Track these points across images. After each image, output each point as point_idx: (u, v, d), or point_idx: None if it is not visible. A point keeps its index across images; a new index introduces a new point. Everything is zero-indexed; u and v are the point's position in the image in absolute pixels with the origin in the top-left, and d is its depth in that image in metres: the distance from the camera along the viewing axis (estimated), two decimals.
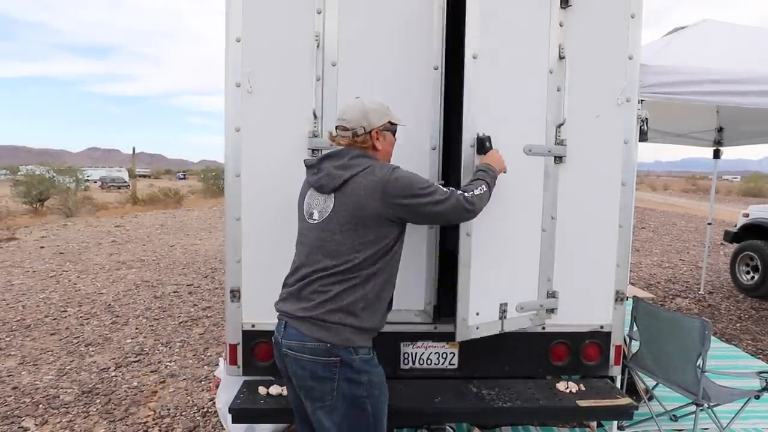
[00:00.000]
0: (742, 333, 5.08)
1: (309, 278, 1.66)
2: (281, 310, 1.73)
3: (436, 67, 2.23)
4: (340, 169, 1.69)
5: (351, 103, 1.79)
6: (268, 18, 2.22)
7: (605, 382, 2.46)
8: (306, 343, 1.61)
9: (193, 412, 3.25)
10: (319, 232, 1.69)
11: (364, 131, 1.74)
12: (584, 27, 2.27)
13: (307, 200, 1.79)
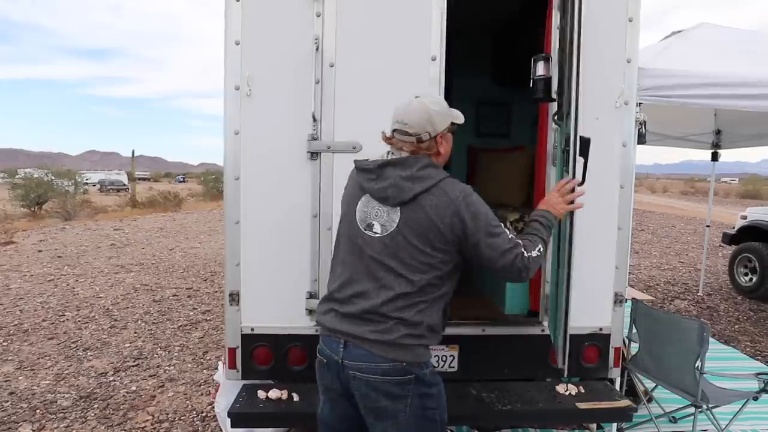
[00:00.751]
0: (741, 334, 5.08)
1: (373, 299, 1.55)
2: (339, 330, 1.58)
3: (434, 57, 2.16)
4: (408, 180, 1.55)
5: (413, 104, 1.62)
6: (267, 21, 2.22)
7: (605, 384, 2.46)
8: (380, 364, 1.52)
9: (192, 416, 3.24)
10: (381, 247, 1.56)
11: (429, 137, 1.60)
12: (582, 31, 2.28)
13: (361, 207, 1.62)
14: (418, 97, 1.64)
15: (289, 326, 2.32)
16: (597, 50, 2.30)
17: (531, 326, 2.47)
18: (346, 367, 1.56)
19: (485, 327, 2.45)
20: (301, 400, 2.20)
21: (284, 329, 2.32)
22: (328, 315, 1.63)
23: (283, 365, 2.37)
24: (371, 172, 1.62)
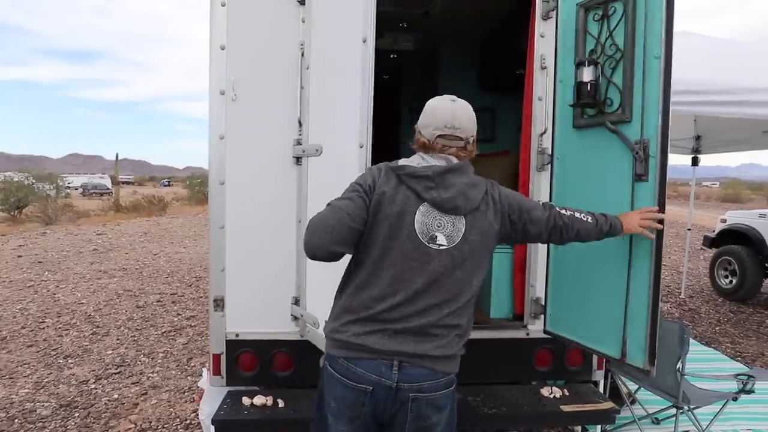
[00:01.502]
0: (721, 336, 5.19)
1: (437, 313, 1.46)
2: (392, 350, 1.43)
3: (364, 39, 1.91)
4: (471, 188, 1.51)
5: (459, 107, 1.56)
6: (252, 26, 2.22)
7: (588, 386, 2.49)
8: (440, 380, 1.47)
9: (175, 424, 3.19)
10: (449, 259, 1.47)
11: (473, 140, 1.59)
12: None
13: (421, 219, 1.47)
14: (455, 100, 1.58)
15: (274, 332, 2.30)
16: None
17: (516, 330, 2.49)
18: (402, 390, 1.42)
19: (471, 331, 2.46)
20: (287, 407, 2.18)
21: (269, 335, 2.31)
22: (373, 336, 1.44)
23: (268, 371, 2.35)
24: (429, 180, 1.48)
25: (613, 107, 1.95)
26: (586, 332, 2.09)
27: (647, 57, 1.82)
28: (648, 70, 1.82)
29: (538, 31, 2.38)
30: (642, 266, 1.85)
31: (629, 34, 1.88)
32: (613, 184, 1.95)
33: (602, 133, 2.00)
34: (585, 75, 1.98)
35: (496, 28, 3.79)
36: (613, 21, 1.95)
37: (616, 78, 1.93)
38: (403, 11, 3.57)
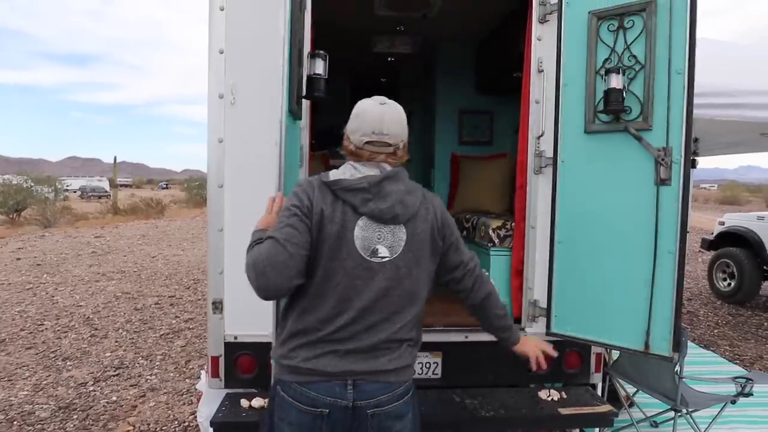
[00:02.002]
0: (720, 339, 5.19)
1: (389, 328, 1.42)
2: (345, 371, 1.40)
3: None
4: (408, 194, 1.46)
5: (389, 112, 1.48)
6: (251, 30, 2.23)
7: (586, 389, 2.49)
8: (396, 390, 1.44)
9: (174, 426, 3.19)
10: (393, 271, 1.42)
11: (403, 145, 1.52)
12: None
13: (361, 233, 1.41)
14: (385, 103, 1.50)
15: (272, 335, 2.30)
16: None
17: None
18: (359, 408, 1.39)
19: (468, 334, 2.46)
20: None
21: (268, 338, 2.30)
22: (324, 358, 1.40)
23: (267, 374, 2.34)
24: (366, 192, 1.41)
25: (633, 115, 2.08)
26: (602, 329, 2.20)
27: (671, 71, 1.98)
28: (672, 84, 1.98)
29: (535, 34, 2.39)
30: (667, 258, 2.01)
31: (650, 49, 2.02)
32: (632, 188, 2.09)
33: (618, 139, 2.13)
34: (615, 82, 2.06)
35: (494, 31, 3.81)
36: (631, 33, 2.08)
37: (635, 88, 2.07)
38: (400, 15, 3.58)
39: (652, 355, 2.06)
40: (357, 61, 4.78)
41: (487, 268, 2.77)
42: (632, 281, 2.10)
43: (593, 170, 2.21)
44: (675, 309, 2.00)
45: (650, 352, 2.05)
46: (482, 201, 3.75)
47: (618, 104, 2.06)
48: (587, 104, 2.19)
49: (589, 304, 2.24)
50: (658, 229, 2.05)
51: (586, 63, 2.18)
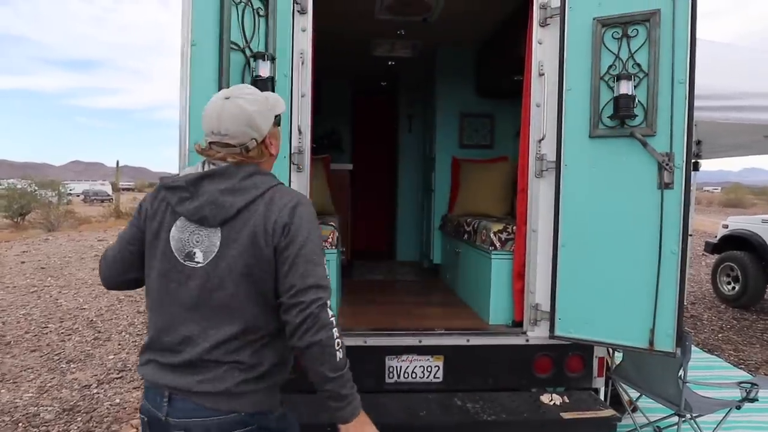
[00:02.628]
0: (724, 343, 5.16)
1: (201, 343, 1.27)
2: (161, 383, 1.29)
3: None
4: (229, 194, 1.27)
5: (226, 109, 1.31)
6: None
7: (589, 393, 2.48)
8: (213, 418, 1.26)
9: None
10: (204, 279, 1.27)
11: (257, 143, 1.34)
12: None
13: (177, 234, 1.30)
14: (229, 98, 1.32)
15: None
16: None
17: (515, 336, 2.48)
18: (171, 425, 1.27)
19: (470, 337, 2.46)
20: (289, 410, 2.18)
21: None
22: (148, 366, 1.33)
23: None
24: (183, 190, 1.30)
25: (636, 121, 2.18)
26: (607, 330, 2.27)
27: (674, 80, 2.10)
28: (675, 93, 2.10)
29: (536, 38, 2.40)
30: (671, 259, 2.12)
31: (654, 58, 2.13)
32: (636, 192, 2.19)
33: (622, 144, 2.21)
34: (625, 88, 2.13)
35: (494, 34, 3.81)
36: (635, 42, 2.17)
37: (639, 94, 2.16)
38: (401, 19, 3.59)
39: (656, 352, 2.17)
40: (357, 65, 4.80)
41: (488, 271, 2.77)
42: (637, 282, 2.19)
43: (597, 174, 2.26)
44: (678, 306, 2.12)
45: (655, 349, 2.17)
46: (483, 204, 3.74)
47: (628, 110, 2.14)
48: (592, 109, 2.24)
49: (593, 306, 2.28)
50: (663, 230, 2.13)
51: (591, 68, 2.24)
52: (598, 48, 2.22)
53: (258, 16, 2.13)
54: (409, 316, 2.89)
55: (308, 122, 2.33)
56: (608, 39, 2.22)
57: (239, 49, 2.07)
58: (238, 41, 2.08)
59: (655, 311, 2.15)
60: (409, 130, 5.42)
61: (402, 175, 5.43)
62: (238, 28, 2.07)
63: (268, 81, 2.04)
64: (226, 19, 2.02)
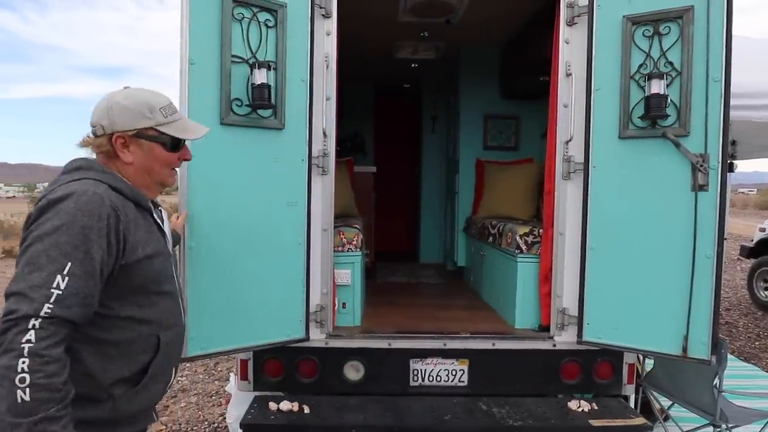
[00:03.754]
0: (761, 351, 4.96)
1: None
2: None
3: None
4: (47, 190, 1.20)
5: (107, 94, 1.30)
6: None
7: (618, 401, 2.42)
8: None
9: (203, 427, 3.25)
10: None
11: (103, 132, 1.26)
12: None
13: None
14: (127, 87, 1.33)
15: (299, 339, 2.32)
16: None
17: (542, 341, 2.44)
18: None
19: (495, 341, 2.43)
20: (312, 413, 2.20)
21: (295, 342, 2.33)
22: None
23: (293, 377, 2.38)
24: None
25: (669, 121, 2.11)
26: (637, 336, 2.22)
27: (708, 79, 2.03)
28: (709, 92, 2.03)
29: (563, 38, 2.36)
30: (705, 263, 2.06)
31: (687, 56, 2.07)
32: (669, 194, 2.12)
33: (653, 145, 2.15)
34: (657, 88, 2.08)
35: (519, 34, 3.77)
36: (667, 40, 2.12)
37: (672, 94, 2.10)
38: (424, 21, 3.59)
39: (690, 360, 2.10)
40: (380, 67, 4.82)
41: (514, 275, 2.74)
42: (669, 286, 2.13)
43: (627, 176, 2.22)
44: (713, 312, 2.06)
45: (688, 357, 2.09)
46: (508, 207, 3.70)
47: (660, 110, 2.09)
48: (621, 109, 2.20)
49: (622, 311, 2.23)
50: (696, 234, 2.07)
51: (620, 68, 2.20)
52: (628, 46, 2.18)
53: (266, 27, 2.14)
54: (433, 319, 2.88)
55: (333, 125, 2.35)
56: (639, 37, 2.17)
57: (243, 61, 2.09)
58: (241, 54, 2.09)
59: (688, 317, 2.09)
60: (432, 132, 5.40)
61: (425, 177, 5.42)
62: (242, 42, 2.09)
63: (264, 88, 2.06)
64: (226, 36, 2.04)
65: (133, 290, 1.24)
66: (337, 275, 2.53)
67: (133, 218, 1.23)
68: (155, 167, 1.33)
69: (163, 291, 1.32)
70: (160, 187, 1.40)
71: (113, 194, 1.20)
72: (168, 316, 1.33)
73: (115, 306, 1.20)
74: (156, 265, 1.28)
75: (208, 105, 2.04)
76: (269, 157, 2.18)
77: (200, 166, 2.01)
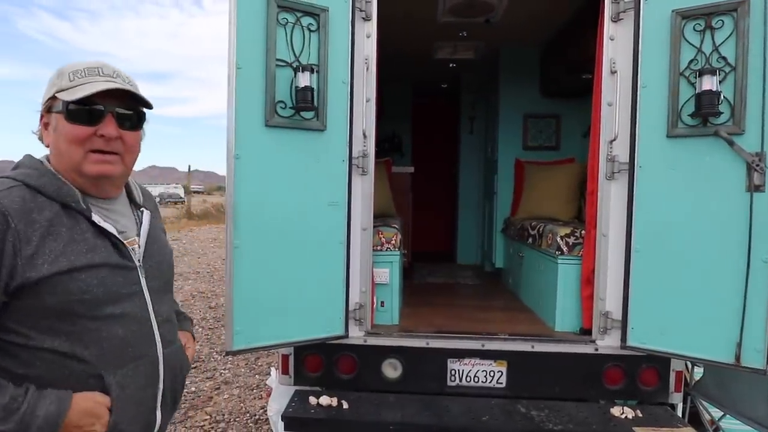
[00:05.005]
0: None
1: None
2: None
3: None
4: None
5: None
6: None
7: (665, 409, 2.34)
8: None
9: (245, 418, 3.37)
10: None
11: (40, 117, 1.10)
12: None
13: None
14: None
15: (339, 335, 2.37)
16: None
17: (584, 344, 2.39)
18: None
19: (535, 343, 2.40)
20: (350, 409, 2.24)
21: (335, 338, 2.38)
22: None
23: (332, 373, 2.43)
24: None
25: (722, 119, 2.03)
26: (686, 342, 2.14)
27: (766, 75, 1.94)
28: (766, 88, 1.94)
29: (608, 34, 2.31)
30: (762, 268, 1.96)
31: (742, 50, 1.98)
32: (721, 195, 2.04)
33: (705, 143, 2.07)
34: (708, 84, 2.01)
35: (560, 32, 3.70)
36: (720, 34, 2.04)
37: (725, 90, 2.01)
38: (464, 21, 3.58)
39: (743, 369, 2.00)
40: (418, 68, 4.83)
41: (554, 277, 2.69)
42: (721, 291, 2.05)
43: (675, 176, 2.15)
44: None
45: (741, 365, 2.00)
46: (548, 208, 3.63)
47: (712, 107, 2.01)
48: (670, 107, 2.13)
49: (670, 316, 2.16)
50: (752, 237, 1.98)
51: (669, 64, 2.13)
52: (677, 42, 2.11)
53: (309, 31, 2.20)
54: (471, 319, 2.87)
55: (373, 126, 2.39)
56: (689, 32, 2.09)
57: (287, 65, 2.15)
58: (285, 58, 2.15)
59: (742, 324, 2.00)
60: (470, 132, 5.37)
61: (463, 178, 5.39)
62: (286, 46, 2.15)
63: (307, 91, 2.12)
64: (271, 41, 2.10)
65: (49, 315, 0.98)
66: (376, 274, 2.56)
67: (49, 224, 0.99)
68: (62, 146, 1.05)
69: (105, 315, 1.03)
70: (89, 180, 1.07)
71: (27, 194, 1.00)
72: (117, 349, 1.04)
73: (31, 334, 0.98)
74: (86, 282, 1.00)
75: (253, 108, 2.11)
76: (311, 158, 2.24)
77: (246, 166, 2.09)
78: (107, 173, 1.08)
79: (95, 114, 1.04)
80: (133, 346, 1.07)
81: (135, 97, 1.09)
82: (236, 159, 2.08)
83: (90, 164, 1.05)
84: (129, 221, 1.17)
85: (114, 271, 1.06)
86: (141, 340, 1.09)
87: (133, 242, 1.14)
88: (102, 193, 1.12)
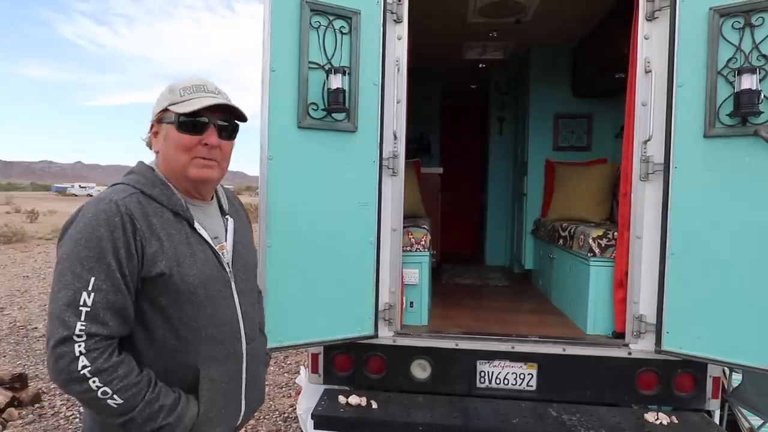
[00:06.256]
0: None
1: None
2: None
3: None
4: None
5: None
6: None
7: (701, 415, 2.27)
8: None
9: (275, 416, 3.44)
10: None
11: (150, 128, 1.24)
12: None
13: None
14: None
15: (368, 335, 2.40)
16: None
17: (616, 348, 2.35)
18: None
19: (566, 346, 2.38)
20: (379, 408, 2.27)
21: (364, 338, 2.41)
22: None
23: (362, 373, 2.46)
24: None
25: (762, 118, 1.98)
26: (725, 347, 2.09)
27: None
28: None
29: (642, 33, 2.27)
30: None
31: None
32: (762, 197, 1.99)
33: (744, 143, 2.02)
34: (748, 83, 1.97)
35: (593, 31, 3.63)
36: (760, 32, 1.99)
37: (765, 89, 1.96)
38: (493, 21, 3.56)
39: None
40: (447, 69, 4.83)
41: (586, 279, 2.65)
42: (761, 296, 1.98)
43: (713, 177, 2.10)
44: None
45: None
46: (580, 209, 3.58)
47: (752, 107, 1.96)
48: (708, 106, 2.08)
49: (707, 320, 2.11)
50: None
51: (706, 63, 2.09)
52: (715, 40, 2.06)
53: (341, 34, 2.24)
54: (501, 321, 2.86)
55: (403, 128, 2.41)
56: (727, 30, 2.04)
57: (320, 67, 2.20)
58: (318, 60, 2.20)
59: None
60: (499, 133, 5.33)
61: (492, 179, 5.35)
62: (319, 48, 2.19)
63: (339, 93, 2.16)
64: (304, 43, 2.15)
65: (162, 313, 1.13)
66: (406, 274, 2.58)
67: (162, 227, 1.12)
68: (170, 153, 1.18)
69: (206, 315, 1.18)
70: (191, 184, 1.21)
71: (143, 200, 1.13)
72: (212, 348, 1.19)
73: (151, 327, 1.13)
74: (193, 285, 1.15)
75: (286, 110, 2.17)
76: (342, 159, 2.28)
77: (279, 167, 2.15)
78: (208, 177, 1.21)
79: (200, 125, 1.18)
80: (224, 344, 1.21)
81: (231, 110, 1.22)
82: (269, 160, 2.14)
83: (194, 168, 1.19)
84: (219, 227, 1.29)
85: (213, 275, 1.19)
86: (230, 338, 1.23)
87: (222, 247, 1.26)
88: (200, 196, 1.26)
